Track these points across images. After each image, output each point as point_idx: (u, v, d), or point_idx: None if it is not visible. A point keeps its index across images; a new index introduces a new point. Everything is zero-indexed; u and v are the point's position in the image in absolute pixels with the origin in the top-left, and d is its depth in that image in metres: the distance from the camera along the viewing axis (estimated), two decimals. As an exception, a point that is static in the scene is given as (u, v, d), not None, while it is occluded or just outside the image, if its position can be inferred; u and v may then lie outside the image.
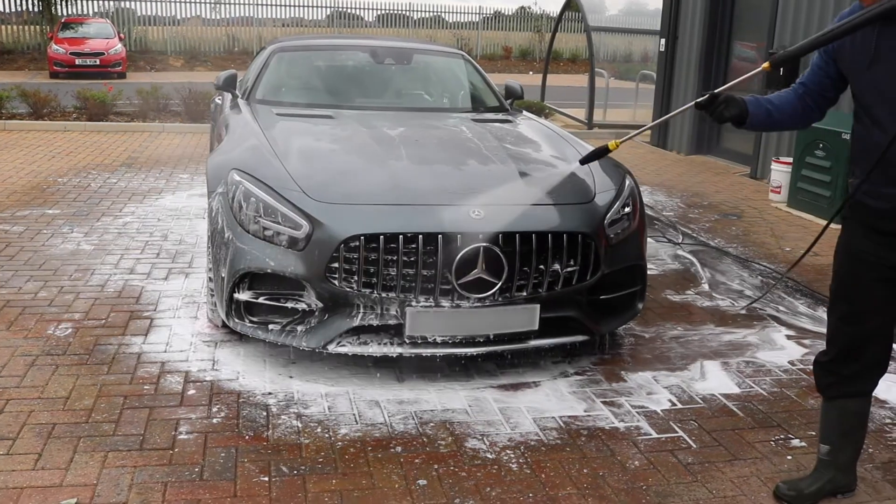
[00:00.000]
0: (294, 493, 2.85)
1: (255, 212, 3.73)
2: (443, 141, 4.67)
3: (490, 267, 3.57)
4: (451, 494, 2.87)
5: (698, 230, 6.73)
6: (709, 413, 3.57)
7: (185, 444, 3.13)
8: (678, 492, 2.96)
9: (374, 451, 3.14)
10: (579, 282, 3.80)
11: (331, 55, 6.18)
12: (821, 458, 2.93)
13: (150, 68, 23.59)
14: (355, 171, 3.98)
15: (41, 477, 2.89)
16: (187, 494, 2.81)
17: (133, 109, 12.50)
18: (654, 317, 4.72)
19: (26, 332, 4.15)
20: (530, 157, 4.45)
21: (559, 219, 3.81)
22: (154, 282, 5.00)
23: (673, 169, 9.64)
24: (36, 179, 7.95)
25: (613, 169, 4.42)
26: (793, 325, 4.67)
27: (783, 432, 3.43)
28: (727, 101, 2.79)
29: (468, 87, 6.03)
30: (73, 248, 5.66)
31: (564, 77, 23.75)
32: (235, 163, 4.05)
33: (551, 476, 3.02)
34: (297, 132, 4.56)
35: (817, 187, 7.24)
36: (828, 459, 2.91)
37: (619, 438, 3.32)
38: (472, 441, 3.24)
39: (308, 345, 3.65)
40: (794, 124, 2.91)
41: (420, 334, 3.62)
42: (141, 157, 9.52)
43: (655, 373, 3.96)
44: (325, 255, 3.56)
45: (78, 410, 3.36)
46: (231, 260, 3.74)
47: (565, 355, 4.08)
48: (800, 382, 3.92)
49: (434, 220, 3.61)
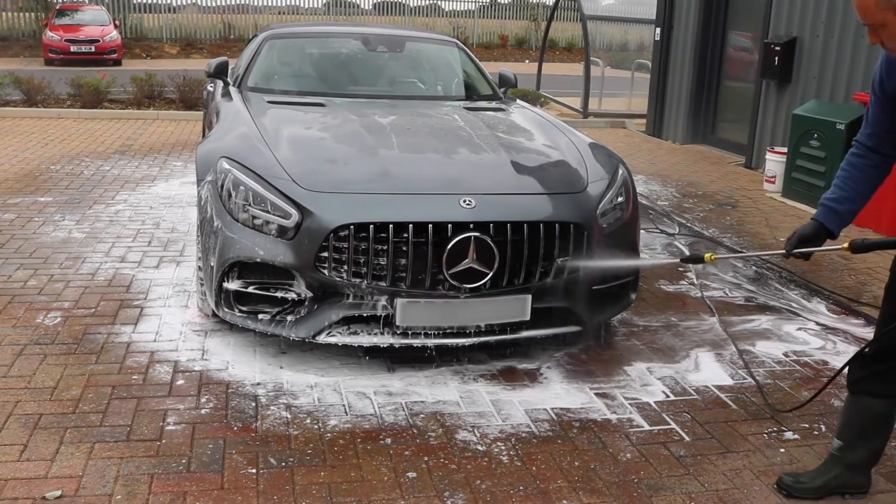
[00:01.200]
0: (282, 485, 2.82)
1: (245, 200, 3.69)
2: (434, 129, 4.63)
3: (481, 257, 3.53)
4: (440, 487, 2.85)
5: (692, 220, 6.70)
6: (702, 405, 3.55)
7: (172, 436, 3.10)
8: (670, 485, 2.94)
9: (364, 443, 3.11)
10: (572, 272, 3.77)
11: (323, 42, 6.12)
12: (831, 453, 2.91)
13: (145, 55, 23.45)
14: (346, 160, 3.94)
15: (26, 468, 2.86)
16: (174, 486, 2.79)
17: (127, 97, 12.41)
18: (647, 307, 4.69)
19: (15, 321, 4.11)
20: (522, 146, 4.41)
21: (551, 208, 3.78)
22: (145, 270, 4.96)
23: (668, 158, 9.61)
24: (28, 167, 7.89)
25: (606, 158, 4.38)
26: (788, 317, 4.64)
27: (776, 425, 3.41)
28: (801, 249, 2.80)
29: (461, 76, 5.98)
30: (64, 235, 5.62)
31: (560, 66, 23.65)
32: (225, 151, 4.00)
33: (542, 469, 2.99)
34: (288, 120, 4.51)
35: (812, 177, 7.21)
36: (837, 455, 2.88)
37: (611, 431, 3.29)
38: (462, 433, 3.22)
39: (297, 335, 3.62)
40: (878, 183, 2.84)
41: (410, 325, 3.59)
42: (135, 144, 9.46)
43: (648, 364, 3.93)
44: (314, 245, 3.53)
45: (65, 401, 3.33)
46: (220, 249, 3.70)
47: (558, 346, 4.05)
48: (794, 374, 3.90)
49: (425, 210, 3.58)
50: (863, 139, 2.77)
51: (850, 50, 7.57)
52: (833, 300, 4.91)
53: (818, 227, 2.80)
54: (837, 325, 4.54)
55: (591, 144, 4.54)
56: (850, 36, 7.58)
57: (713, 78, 10.23)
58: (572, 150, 4.36)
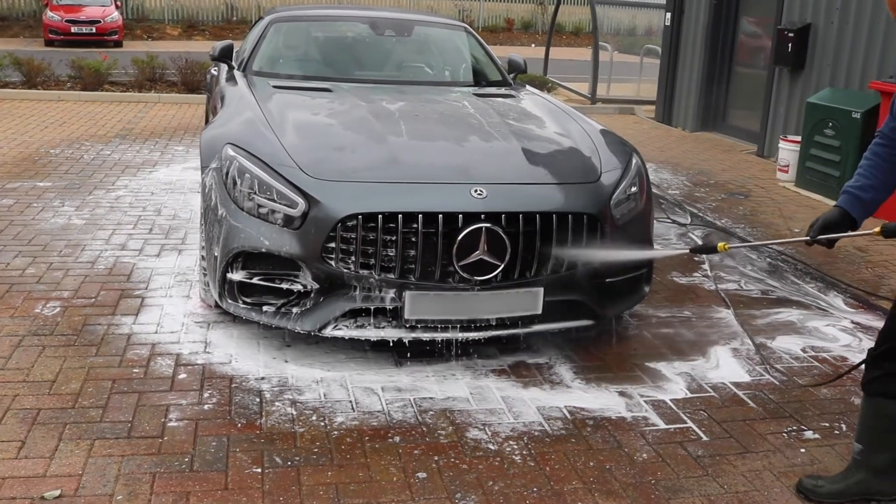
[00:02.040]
0: (288, 485, 2.73)
1: (250, 188, 3.58)
2: (444, 116, 4.51)
3: (492, 248, 3.43)
4: (451, 489, 2.75)
5: (705, 210, 6.58)
6: (718, 402, 3.45)
7: (174, 432, 3.01)
8: (688, 486, 2.85)
9: (372, 441, 3.01)
10: (584, 264, 3.65)
11: (329, 26, 5.99)
12: (853, 458, 2.80)
13: (146, 37, 23.25)
14: (354, 147, 3.83)
15: (24, 466, 2.76)
16: (176, 486, 2.69)
17: (129, 79, 12.27)
18: (660, 300, 4.58)
19: (13, 311, 4.01)
20: (534, 134, 4.29)
21: (564, 199, 3.66)
22: (146, 258, 4.85)
23: (678, 146, 9.47)
24: (28, 150, 7.77)
25: (620, 146, 4.26)
26: (804, 310, 4.54)
27: (795, 423, 3.31)
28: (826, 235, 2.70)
29: (470, 61, 5.85)
30: (63, 222, 5.51)
31: (567, 50, 23.43)
32: (230, 137, 3.89)
33: (556, 469, 2.90)
34: (294, 105, 4.39)
35: (826, 167, 7.07)
36: (859, 459, 2.77)
37: (626, 429, 3.19)
38: (473, 431, 3.12)
39: (303, 328, 3.52)
40: None
41: (419, 318, 3.49)
42: (136, 128, 9.33)
43: (662, 359, 3.83)
44: (321, 235, 3.42)
45: (64, 395, 3.23)
46: (224, 238, 3.59)
47: (569, 340, 3.95)
48: (812, 371, 3.80)
49: (435, 199, 3.47)
50: (887, 131, 2.70)
51: (865, 37, 7.41)
52: (850, 294, 4.80)
53: (842, 214, 2.71)
54: (857, 319, 4.44)
55: (603, 132, 4.42)
56: (865, 23, 7.42)
57: (724, 64, 10.06)
58: (585, 138, 4.25)
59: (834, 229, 2.70)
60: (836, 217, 2.71)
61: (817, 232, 2.70)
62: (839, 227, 2.70)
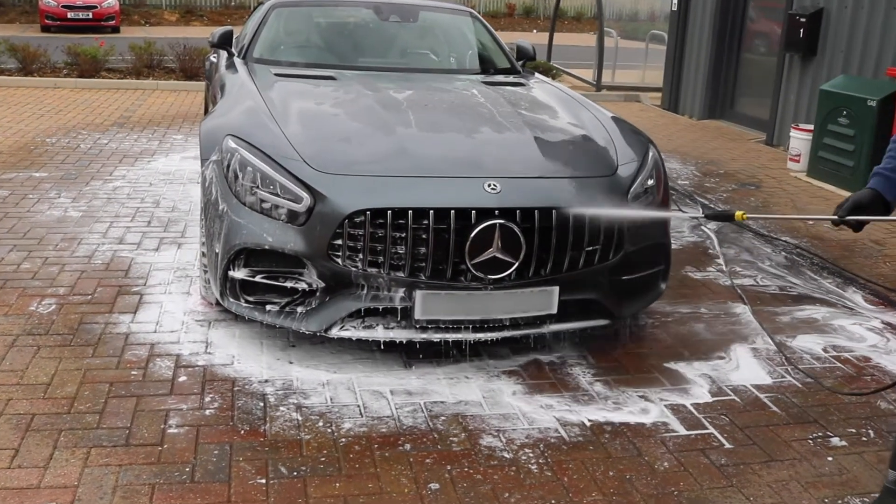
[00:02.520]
0: (294, 497, 2.59)
1: (252, 182, 3.43)
2: (454, 106, 4.35)
3: (506, 245, 3.28)
4: (466, 501, 2.62)
5: (716, 201, 6.43)
6: (740, 407, 3.31)
7: (175, 440, 2.87)
8: (713, 498, 2.71)
9: (381, 449, 2.88)
10: (601, 261, 3.52)
11: (333, 11, 5.82)
12: (885, 485, 2.63)
13: (144, 22, 23.01)
14: (361, 139, 3.67)
15: (17, 476, 2.63)
16: (177, 499, 2.56)
17: (126, 66, 12.08)
18: (675, 296, 4.44)
19: (7, 309, 3.87)
20: (548, 125, 4.14)
21: (581, 194, 3.52)
22: (144, 253, 4.70)
23: (686, 134, 9.31)
24: (23, 139, 7.61)
25: (635, 138, 4.11)
26: (823, 307, 4.40)
27: (821, 429, 3.17)
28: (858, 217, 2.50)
29: (477, 47, 5.69)
30: (59, 214, 5.36)
31: (569, 36, 23.17)
32: (231, 128, 3.74)
33: (574, 479, 2.76)
34: (297, 94, 4.23)
35: (840, 157, 6.92)
36: (892, 489, 2.59)
37: (645, 436, 3.06)
38: (487, 438, 2.98)
39: (308, 328, 3.37)
40: None
41: (430, 318, 3.34)
42: (133, 116, 9.16)
43: (680, 360, 3.69)
44: (327, 231, 3.27)
45: (59, 399, 3.10)
46: (226, 234, 3.45)
47: (584, 340, 3.81)
48: (834, 372, 3.67)
49: (446, 194, 3.32)
50: None
51: (881, 22, 7.24)
52: (870, 289, 4.66)
53: (874, 196, 2.50)
54: (880, 316, 4.30)
55: (617, 121, 4.28)
56: (881, 7, 7.24)
57: (733, 50, 9.88)
58: (599, 128, 4.10)
59: (864, 211, 2.48)
60: (867, 198, 2.49)
61: (846, 212, 2.49)
62: (870, 210, 2.49)
